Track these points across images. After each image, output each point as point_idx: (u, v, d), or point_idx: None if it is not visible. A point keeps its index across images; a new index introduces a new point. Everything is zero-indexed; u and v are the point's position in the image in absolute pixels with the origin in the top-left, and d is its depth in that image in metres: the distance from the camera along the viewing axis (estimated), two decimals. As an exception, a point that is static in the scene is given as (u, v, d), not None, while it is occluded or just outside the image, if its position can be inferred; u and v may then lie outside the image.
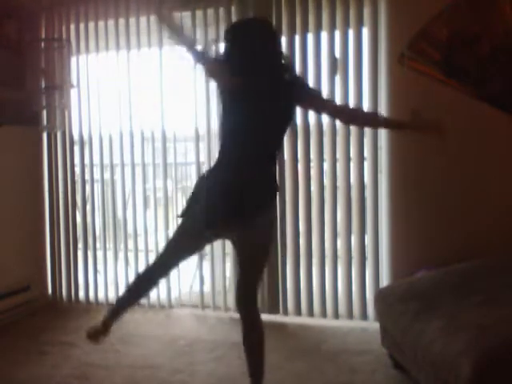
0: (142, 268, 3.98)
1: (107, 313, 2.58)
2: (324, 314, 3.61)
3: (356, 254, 3.54)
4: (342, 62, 3.45)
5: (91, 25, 3.92)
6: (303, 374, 2.87)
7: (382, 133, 3.44)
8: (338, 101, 3.41)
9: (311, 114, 3.53)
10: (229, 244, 3.79)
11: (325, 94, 2.51)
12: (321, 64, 3.49)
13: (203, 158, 3.80)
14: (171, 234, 2.49)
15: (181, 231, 2.40)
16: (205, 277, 3.86)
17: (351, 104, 3.42)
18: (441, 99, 3.24)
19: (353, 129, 3.47)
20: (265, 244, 2.42)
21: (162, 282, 3.88)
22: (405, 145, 3.38)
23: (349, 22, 3.42)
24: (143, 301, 3.96)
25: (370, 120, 2.64)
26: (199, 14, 3.68)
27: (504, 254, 3.00)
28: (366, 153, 3.48)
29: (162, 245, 3.95)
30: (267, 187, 2.34)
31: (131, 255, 4.03)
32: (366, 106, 3.42)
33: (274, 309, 3.68)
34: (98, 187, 4.18)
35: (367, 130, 3.45)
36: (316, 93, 2.57)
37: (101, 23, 3.90)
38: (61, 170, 4.09)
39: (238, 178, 2.24)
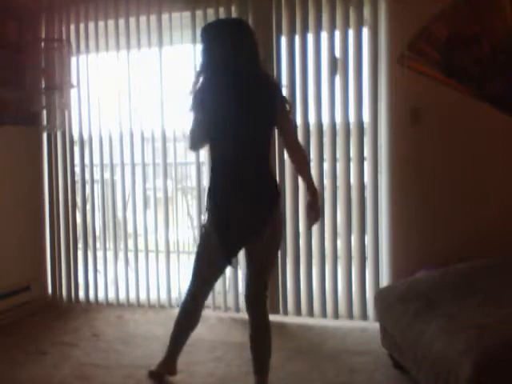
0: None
1: (166, 354, 2.75)
2: (324, 314, 3.61)
3: (356, 253, 3.54)
4: (342, 62, 3.45)
5: (91, 25, 3.91)
6: (303, 374, 2.87)
7: (382, 133, 3.44)
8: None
9: (311, 114, 3.53)
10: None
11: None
12: (321, 64, 3.49)
13: (203, 158, 3.79)
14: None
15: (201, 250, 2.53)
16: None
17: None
18: (441, 99, 3.24)
19: (353, 129, 3.48)
20: (271, 245, 2.45)
21: (163, 283, 3.91)
22: (405, 145, 3.39)
23: (349, 22, 3.42)
24: (143, 301, 3.97)
25: (301, 171, 2.59)
26: (199, 13, 3.68)
27: (504, 253, 3.00)
28: (366, 153, 3.48)
29: (162, 245, 3.96)
30: (266, 192, 2.40)
31: (131, 255, 4.03)
32: (367, 107, 3.43)
33: (274, 309, 3.67)
34: (97, 187, 4.17)
35: (367, 129, 3.45)
36: (288, 117, 2.51)
37: (101, 23, 3.89)
38: (61, 170, 4.08)
39: (237, 194, 2.35)
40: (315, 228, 3.58)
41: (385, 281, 3.49)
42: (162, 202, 3.99)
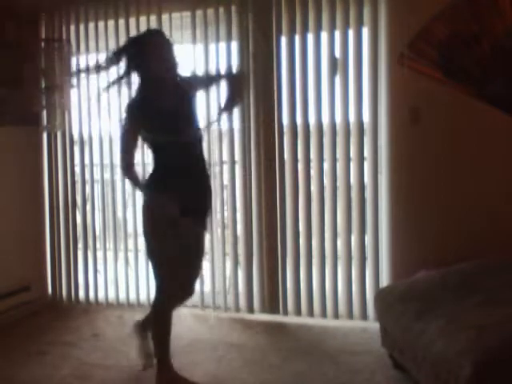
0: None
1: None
2: (324, 314, 3.61)
3: (356, 253, 3.54)
4: (342, 61, 3.45)
5: (91, 25, 3.91)
6: (303, 374, 2.87)
7: (382, 133, 3.44)
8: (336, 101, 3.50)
9: (311, 114, 3.53)
10: (228, 244, 3.81)
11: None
12: (321, 64, 3.49)
13: (203, 157, 3.79)
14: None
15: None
16: (205, 277, 3.86)
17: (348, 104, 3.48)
18: (441, 99, 3.24)
19: (353, 129, 3.48)
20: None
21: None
22: (405, 145, 3.39)
23: (349, 22, 3.42)
24: (143, 301, 3.97)
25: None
26: (199, 13, 3.68)
27: (504, 254, 3.00)
28: (366, 153, 3.48)
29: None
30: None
31: (131, 255, 4.03)
32: (366, 107, 3.44)
33: (274, 309, 3.68)
34: (97, 187, 4.17)
35: (367, 129, 3.45)
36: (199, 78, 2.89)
37: (101, 23, 3.89)
38: (61, 170, 4.08)
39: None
40: (315, 228, 3.58)
41: (385, 281, 3.49)
42: (161, 202, 3.98)
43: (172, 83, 2.60)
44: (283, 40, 3.55)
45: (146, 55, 2.52)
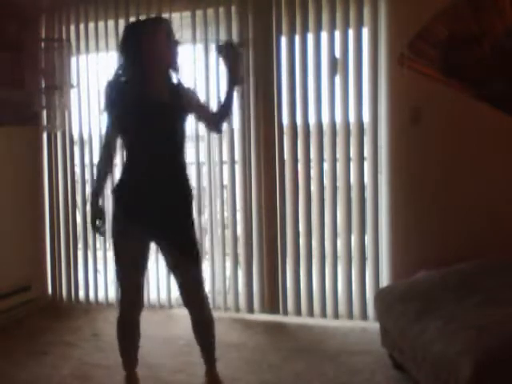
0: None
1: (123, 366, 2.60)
2: (324, 314, 3.61)
3: (356, 253, 3.54)
4: (342, 62, 3.45)
5: (91, 25, 3.91)
6: (303, 374, 2.87)
7: (382, 133, 3.44)
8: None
9: (311, 114, 3.53)
10: (229, 244, 3.81)
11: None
12: (321, 64, 3.49)
13: (203, 158, 3.79)
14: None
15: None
16: (205, 277, 3.85)
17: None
18: (441, 99, 3.24)
19: (353, 129, 3.48)
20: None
21: (163, 283, 3.91)
22: (405, 145, 3.39)
23: (349, 22, 3.42)
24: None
25: (221, 115, 2.55)
26: (199, 13, 3.68)
27: (504, 254, 3.00)
28: (366, 153, 3.48)
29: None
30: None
31: (131, 255, 4.02)
32: (367, 106, 3.44)
33: (273, 309, 3.68)
34: (97, 187, 4.17)
35: (367, 129, 3.45)
36: (203, 105, 2.63)
37: (101, 23, 3.89)
38: (61, 170, 4.09)
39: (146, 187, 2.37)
40: (315, 228, 3.58)
41: (385, 281, 3.49)
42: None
43: (160, 80, 2.38)
44: (283, 40, 3.55)
45: (145, 40, 2.31)
